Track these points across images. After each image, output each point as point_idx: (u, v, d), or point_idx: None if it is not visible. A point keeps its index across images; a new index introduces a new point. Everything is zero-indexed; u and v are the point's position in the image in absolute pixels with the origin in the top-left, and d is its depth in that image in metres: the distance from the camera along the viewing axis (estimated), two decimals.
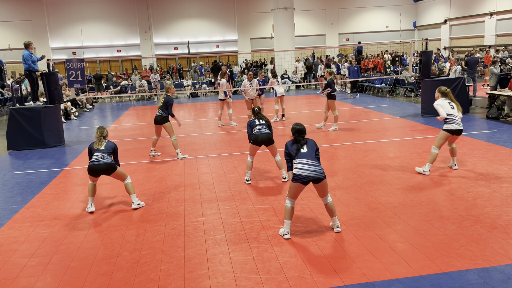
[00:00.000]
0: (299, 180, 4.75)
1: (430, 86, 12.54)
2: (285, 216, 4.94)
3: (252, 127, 6.94)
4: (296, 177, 4.78)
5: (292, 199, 4.92)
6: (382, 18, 33.68)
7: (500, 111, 11.51)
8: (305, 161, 4.80)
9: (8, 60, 24.00)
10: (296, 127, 5.06)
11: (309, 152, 4.88)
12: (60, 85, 12.00)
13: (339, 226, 5.03)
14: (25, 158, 9.75)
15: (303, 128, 5.05)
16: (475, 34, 28.66)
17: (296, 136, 5.00)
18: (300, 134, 5.00)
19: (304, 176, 4.73)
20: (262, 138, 6.81)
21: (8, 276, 4.35)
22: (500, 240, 4.55)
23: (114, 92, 21.76)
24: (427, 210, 5.49)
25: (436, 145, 6.87)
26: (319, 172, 4.77)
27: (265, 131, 6.86)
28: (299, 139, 4.97)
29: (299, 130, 5.02)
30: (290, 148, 4.97)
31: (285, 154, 5.06)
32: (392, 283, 3.86)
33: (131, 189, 6.16)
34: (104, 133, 6.25)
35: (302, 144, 4.92)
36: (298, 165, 4.81)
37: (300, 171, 4.76)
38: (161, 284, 4.06)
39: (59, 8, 29.64)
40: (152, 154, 9.20)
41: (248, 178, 7.07)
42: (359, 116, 13.21)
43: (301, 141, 4.95)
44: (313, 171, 4.75)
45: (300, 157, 4.84)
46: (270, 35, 26.42)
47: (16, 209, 6.35)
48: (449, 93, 6.91)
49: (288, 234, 4.89)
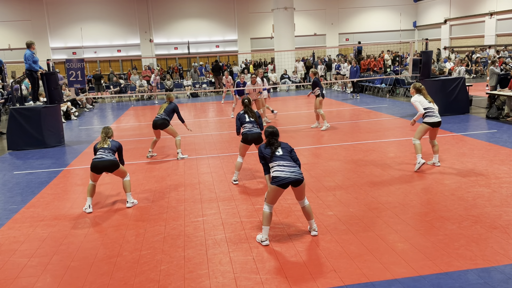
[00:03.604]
0: (278, 182, 4.66)
1: (430, 86, 12.54)
2: (264, 222, 4.81)
3: (242, 122, 6.95)
4: (275, 179, 4.69)
5: (270, 204, 4.81)
6: (382, 18, 33.67)
7: (500, 111, 11.51)
8: (283, 163, 4.75)
9: (8, 60, 23.98)
10: (269, 129, 5.02)
11: (284, 154, 4.85)
12: (60, 85, 12.00)
13: (316, 230, 4.98)
14: (25, 158, 9.75)
15: (276, 131, 5.02)
16: (475, 34, 28.65)
17: (269, 139, 4.96)
18: (273, 137, 4.96)
19: (283, 178, 4.65)
20: (252, 137, 6.84)
21: (8, 276, 4.35)
22: (500, 240, 4.55)
23: (114, 92, 21.76)
24: (427, 210, 5.49)
25: (416, 137, 7.13)
26: (298, 173, 4.72)
27: (256, 131, 6.89)
28: (272, 141, 4.93)
29: (272, 133, 4.98)
30: (264, 151, 4.92)
31: (259, 158, 5.02)
32: (392, 283, 3.86)
33: (128, 187, 6.23)
34: (109, 133, 6.32)
35: (276, 147, 4.88)
36: (276, 167, 4.75)
37: (279, 173, 4.69)
38: (161, 284, 4.06)
39: (59, 8, 29.63)
40: (150, 155, 9.18)
41: (235, 179, 7.09)
42: (359, 116, 13.21)
43: (275, 143, 4.91)
44: (291, 172, 4.69)
45: (277, 160, 4.80)
46: (270, 35, 26.42)
47: (16, 209, 6.36)
48: (423, 90, 7.16)
49: (266, 240, 4.77)
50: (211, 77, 24.17)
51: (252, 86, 12.40)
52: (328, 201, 6.02)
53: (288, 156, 4.86)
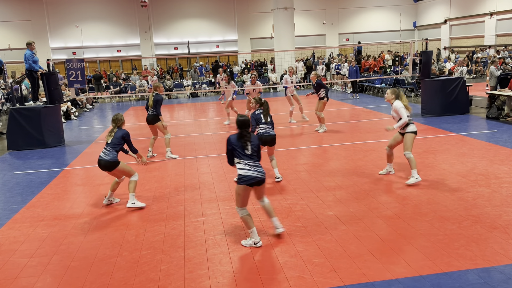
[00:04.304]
0: (247, 182, 4.54)
1: (430, 86, 12.54)
2: (247, 226, 4.68)
3: (257, 122, 6.86)
4: (243, 178, 4.55)
5: (243, 207, 4.66)
6: (382, 18, 33.67)
7: (500, 111, 11.51)
8: (250, 161, 4.61)
9: (8, 60, 23.96)
10: (241, 118, 4.70)
11: (252, 152, 4.66)
12: (60, 85, 12.00)
13: (281, 227, 4.89)
14: (25, 158, 9.75)
15: (248, 121, 4.69)
16: (475, 34, 28.65)
17: (241, 130, 4.67)
18: (245, 128, 4.67)
19: (252, 177, 4.54)
20: (266, 139, 6.81)
21: (8, 276, 4.35)
22: (500, 240, 4.55)
23: (114, 92, 21.75)
24: (427, 210, 5.49)
25: (409, 150, 6.46)
26: (263, 173, 4.64)
27: (272, 133, 6.87)
28: (244, 134, 4.65)
29: (244, 123, 4.67)
30: (235, 144, 4.64)
31: (227, 150, 4.72)
32: (392, 283, 3.86)
33: (132, 188, 6.05)
34: (119, 122, 6.02)
35: (246, 141, 4.62)
36: (243, 165, 4.59)
37: (247, 171, 4.56)
38: (161, 284, 4.06)
39: (59, 8, 29.63)
40: (149, 155, 9.14)
41: None
42: (359, 116, 13.21)
43: (246, 136, 4.64)
44: (258, 172, 4.59)
45: (245, 158, 4.62)
46: (270, 35, 26.41)
47: (16, 209, 6.35)
48: (402, 96, 6.60)
49: (259, 241, 4.67)
50: (211, 77, 24.17)
51: (252, 86, 12.43)
52: (328, 201, 6.02)
53: (255, 154, 4.69)
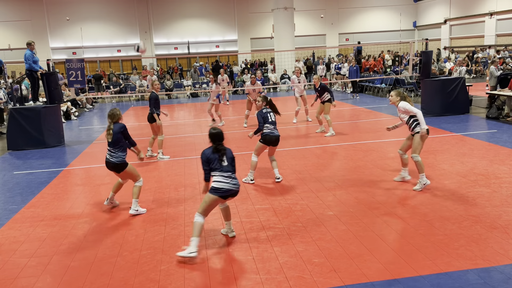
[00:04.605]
0: (221, 194, 4.52)
1: (430, 86, 12.54)
2: (194, 232, 4.50)
3: (265, 120, 6.83)
4: (217, 190, 4.51)
5: (203, 215, 4.58)
6: (382, 18, 33.64)
7: (500, 111, 11.51)
8: (226, 174, 4.56)
9: (8, 60, 23.96)
10: (214, 131, 4.66)
11: (229, 164, 4.62)
12: (60, 85, 12.00)
13: (233, 231, 4.98)
14: (25, 158, 9.75)
15: (221, 133, 4.65)
16: (475, 34, 28.64)
17: (216, 144, 4.62)
18: (220, 142, 4.62)
19: (227, 190, 4.53)
20: (270, 139, 6.83)
21: (8, 276, 4.35)
22: (500, 240, 4.55)
23: (114, 92, 21.76)
24: (427, 210, 5.49)
25: (417, 152, 6.16)
26: (238, 185, 4.64)
27: (277, 133, 6.90)
28: (220, 148, 4.61)
29: (218, 136, 4.63)
30: (211, 157, 4.58)
31: (203, 162, 4.62)
32: (392, 283, 3.86)
33: (136, 193, 5.86)
34: (115, 118, 5.78)
35: (222, 154, 4.59)
36: (219, 177, 4.54)
37: (222, 184, 4.52)
38: (161, 284, 4.06)
39: (59, 8, 29.62)
40: (149, 154, 9.12)
41: (252, 178, 7.05)
42: (359, 116, 13.21)
43: (222, 150, 4.60)
44: (233, 184, 4.57)
45: (221, 170, 4.56)
46: (270, 35, 26.41)
47: (16, 209, 6.35)
48: (407, 97, 6.38)
49: (195, 252, 4.44)
50: (211, 77, 24.14)
51: (252, 86, 12.43)
52: (328, 201, 6.02)
53: (230, 165, 4.63)
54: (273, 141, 6.87)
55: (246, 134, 10.42)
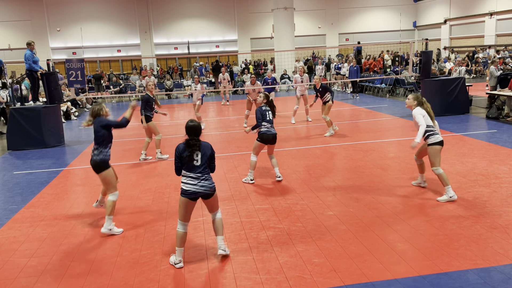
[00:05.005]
0: (188, 196, 4.22)
1: (430, 86, 12.54)
2: (177, 243, 4.32)
3: (263, 117, 6.83)
4: (185, 192, 4.22)
5: (184, 222, 4.31)
6: (382, 18, 33.65)
7: (500, 111, 11.51)
8: (195, 175, 4.22)
9: (8, 60, 23.96)
10: (189, 124, 4.23)
11: (202, 163, 4.24)
12: (60, 85, 12.00)
13: (224, 249, 4.41)
14: (25, 158, 9.75)
15: (197, 127, 4.22)
16: (475, 34, 28.64)
17: (189, 138, 4.20)
18: (194, 136, 4.21)
19: (192, 192, 4.20)
20: (267, 138, 6.82)
21: (8, 276, 4.35)
22: (500, 240, 4.55)
23: (114, 92, 21.75)
24: (427, 210, 5.49)
25: (437, 165, 5.80)
26: (208, 187, 4.25)
27: (274, 132, 6.88)
28: (193, 143, 4.18)
29: (193, 129, 4.20)
30: (183, 154, 4.20)
31: (175, 157, 4.25)
32: (392, 283, 3.86)
33: (109, 209, 5.15)
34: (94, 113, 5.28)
35: (194, 150, 4.19)
36: (186, 179, 4.23)
37: (188, 186, 4.21)
38: (161, 284, 4.06)
39: (59, 8, 29.62)
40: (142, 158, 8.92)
41: (252, 178, 7.05)
42: (359, 116, 13.21)
43: (195, 146, 4.18)
44: (201, 186, 4.22)
45: (190, 170, 4.22)
46: (270, 35, 26.42)
47: (16, 209, 6.35)
48: (425, 102, 6.06)
49: (180, 262, 4.32)
50: (211, 77, 24.16)
51: (252, 86, 12.44)
52: (328, 201, 6.02)
53: (204, 165, 4.26)
54: (270, 140, 6.86)
55: (246, 135, 10.42)
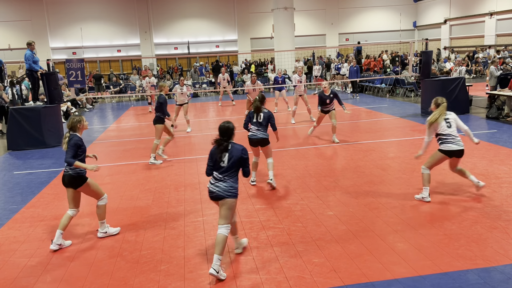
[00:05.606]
0: (209, 195, 4.30)
1: (430, 86, 12.54)
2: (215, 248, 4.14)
3: (250, 118, 6.71)
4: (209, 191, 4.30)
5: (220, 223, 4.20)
6: (382, 18, 33.66)
7: (500, 111, 11.51)
8: (217, 175, 4.21)
9: (8, 60, 23.97)
10: (222, 124, 4.25)
11: (228, 166, 4.17)
12: (60, 85, 12.00)
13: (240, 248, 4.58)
14: (25, 158, 9.75)
15: (228, 128, 4.21)
16: (475, 34, 28.64)
17: (219, 139, 4.21)
18: (223, 137, 4.20)
19: (209, 190, 4.25)
20: (251, 141, 6.66)
21: (8, 276, 4.35)
22: (500, 240, 4.55)
23: (114, 92, 21.75)
24: (427, 210, 5.49)
25: (428, 166, 5.80)
26: (222, 189, 4.15)
27: (260, 136, 6.58)
28: (221, 142, 4.19)
29: (223, 130, 4.21)
30: (213, 153, 4.25)
31: (208, 157, 4.36)
32: (392, 283, 3.86)
33: (101, 214, 5.11)
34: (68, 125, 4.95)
35: (222, 151, 4.18)
36: (211, 179, 4.28)
37: (208, 184, 4.28)
38: (161, 284, 4.06)
39: (59, 8, 29.63)
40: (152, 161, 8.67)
41: (253, 179, 7.01)
42: (359, 116, 13.21)
43: (222, 145, 4.17)
44: (216, 186, 4.18)
45: (216, 170, 4.23)
46: (270, 35, 26.41)
47: (16, 209, 6.36)
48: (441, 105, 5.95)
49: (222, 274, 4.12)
50: (211, 77, 24.16)
51: (252, 86, 12.44)
52: (328, 201, 6.02)
53: (232, 168, 4.19)
54: (254, 143, 6.65)
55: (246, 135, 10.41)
